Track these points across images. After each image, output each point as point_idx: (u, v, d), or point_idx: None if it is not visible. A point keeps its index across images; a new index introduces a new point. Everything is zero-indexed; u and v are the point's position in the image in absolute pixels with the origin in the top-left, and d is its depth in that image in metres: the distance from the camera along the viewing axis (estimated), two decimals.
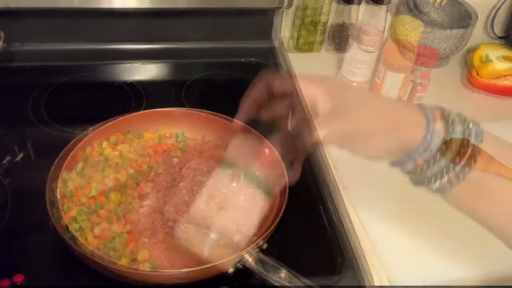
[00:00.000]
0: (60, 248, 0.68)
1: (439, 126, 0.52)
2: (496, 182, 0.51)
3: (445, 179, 0.52)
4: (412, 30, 0.92)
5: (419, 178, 0.54)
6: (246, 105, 0.60)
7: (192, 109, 0.86)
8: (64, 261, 0.69)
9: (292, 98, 0.56)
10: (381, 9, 0.94)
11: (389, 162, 0.56)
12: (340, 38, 1.10)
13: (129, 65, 1.05)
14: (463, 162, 0.50)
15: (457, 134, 0.51)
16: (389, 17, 0.94)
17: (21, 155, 0.83)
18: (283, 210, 0.69)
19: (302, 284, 0.63)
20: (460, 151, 0.50)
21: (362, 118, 0.53)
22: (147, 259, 0.67)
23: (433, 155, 0.52)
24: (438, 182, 0.52)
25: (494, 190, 0.52)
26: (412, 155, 0.53)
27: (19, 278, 0.65)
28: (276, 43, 1.14)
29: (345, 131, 0.53)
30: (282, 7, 1.01)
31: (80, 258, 0.64)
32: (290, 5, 1.00)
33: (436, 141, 0.51)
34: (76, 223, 0.69)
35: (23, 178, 0.79)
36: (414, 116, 0.53)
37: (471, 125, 0.51)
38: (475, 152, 0.50)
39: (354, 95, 0.56)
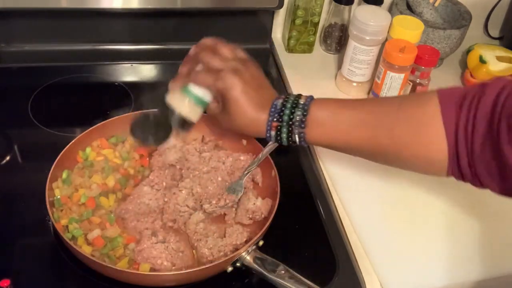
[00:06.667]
0: (52, 254, 0.68)
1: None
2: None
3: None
4: (412, 30, 0.92)
5: None
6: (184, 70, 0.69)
7: None
8: (57, 265, 0.68)
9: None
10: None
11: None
12: (332, 39, 1.09)
13: (118, 66, 1.03)
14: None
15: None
16: (389, 17, 0.93)
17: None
18: (276, 207, 0.70)
19: (300, 280, 0.63)
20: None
21: None
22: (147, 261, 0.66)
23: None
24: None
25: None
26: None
27: (5, 283, 0.63)
28: (268, 44, 1.12)
29: None
30: (273, 7, 0.99)
31: (80, 259, 0.64)
32: (281, 5, 0.99)
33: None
34: (68, 232, 0.68)
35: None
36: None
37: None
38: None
39: None
